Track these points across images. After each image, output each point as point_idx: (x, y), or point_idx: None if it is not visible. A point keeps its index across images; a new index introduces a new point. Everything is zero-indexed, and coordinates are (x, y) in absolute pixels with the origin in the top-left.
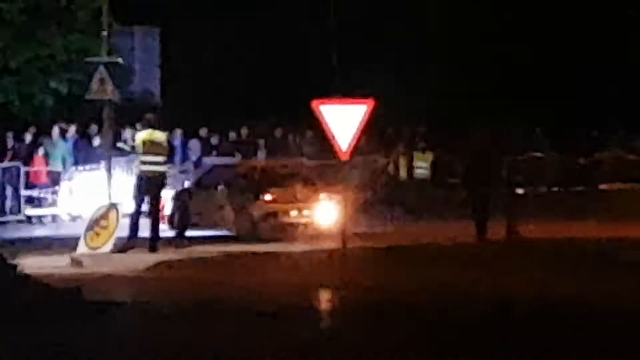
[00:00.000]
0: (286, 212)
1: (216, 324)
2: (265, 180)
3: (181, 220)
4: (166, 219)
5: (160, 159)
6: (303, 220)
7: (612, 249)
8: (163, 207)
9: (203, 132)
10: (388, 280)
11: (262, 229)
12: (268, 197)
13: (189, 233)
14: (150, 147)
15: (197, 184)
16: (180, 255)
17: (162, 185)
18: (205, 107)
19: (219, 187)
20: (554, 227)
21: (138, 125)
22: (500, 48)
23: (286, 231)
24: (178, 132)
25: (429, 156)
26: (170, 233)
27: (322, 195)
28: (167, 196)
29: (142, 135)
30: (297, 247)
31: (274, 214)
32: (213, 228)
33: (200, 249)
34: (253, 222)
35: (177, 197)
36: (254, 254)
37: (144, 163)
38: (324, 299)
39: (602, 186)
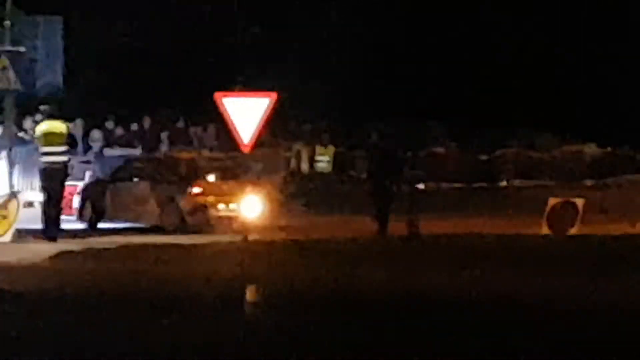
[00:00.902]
0: (214, 205)
1: (108, 315)
2: (190, 173)
3: (94, 212)
4: (75, 210)
5: (60, 149)
6: (230, 214)
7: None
8: (66, 197)
9: (109, 124)
10: (282, 272)
11: (191, 222)
12: (196, 189)
13: (100, 225)
14: (50, 137)
15: (113, 176)
16: (80, 246)
17: (65, 175)
18: (107, 97)
19: (139, 180)
20: (453, 223)
21: (37, 116)
22: (405, 43)
23: (214, 224)
24: (79, 123)
25: (331, 150)
26: (80, 225)
27: (247, 189)
28: (72, 188)
29: (42, 126)
30: (203, 239)
31: (203, 207)
32: (133, 221)
33: (104, 240)
34: (181, 215)
35: (88, 189)
36: (156, 245)
37: (45, 154)
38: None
39: (503, 183)
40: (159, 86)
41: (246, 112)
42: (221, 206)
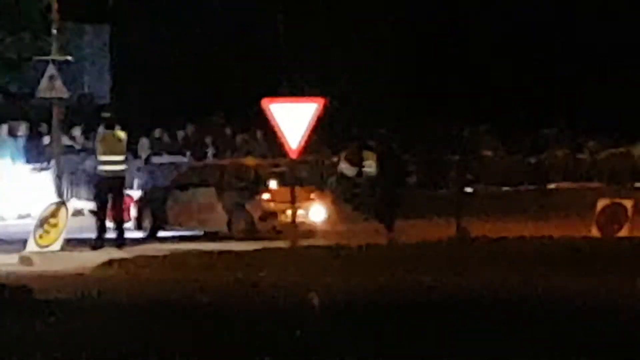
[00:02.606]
0: (283, 212)
1: (157, 322)
2: (256, 179)
3: (154, 220)
4: (131, 219)
5: (119, 157)
6: (298, 220)
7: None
8: (127, 206)
9: (156, 132)
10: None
11: (261, 228)
12: (266, 196)
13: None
14: (110, 146)
15: (173, 183)
16: (131, 254)
17: (123, 183)
18: (153, 105)
19: (203, 187)
20: (502, 226)
21: (93, 125)
22: (453, 47)
23: (283, 231)
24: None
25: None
26: (137, 234)
27: (312, 195)
28: (135, 195)
29: (102, 134)
30: (265, 244)
31: (273, 214)
32: (198, 228)
33: (158, 247)
34: (252, 221)
35: (147, 197)
36: (211, 252)
37: (104, 163)
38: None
39: (551, 185)
40: (205, 93)
41: (293, 118)
42: (290, 212)
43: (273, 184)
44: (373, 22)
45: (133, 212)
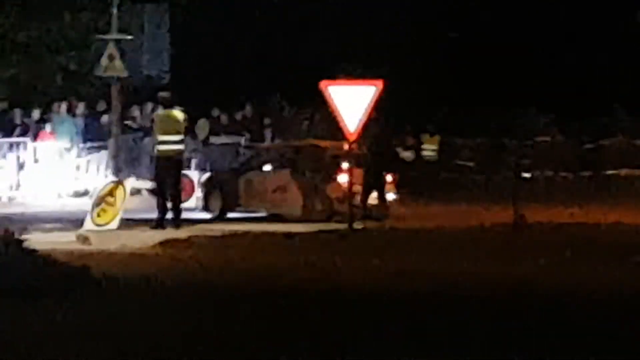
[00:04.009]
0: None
1: (209, 305)
2: (331, 161)
3: (224, 202)
4: (197, 200)
5: (177, 137)
6: (373, 202)
7: (613, 234)
8: (184, 185)
9: (215, 112)
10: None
11: (341, 210)
12: (343, 178)
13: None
14: (167, 125)
15: (244, 165)
16: (187, 233)
17: (181, 164)
18: (212, 86)
19: (276, 169)
20: (559, 212)
21: (150, 104)
22: (508, 34)
23: (358, 213)
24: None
25: (437, 139)
26: (204, 215)
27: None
28: (193, 176)
29: (159, 114)
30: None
31: (351, 195)
32: (271, 210)
33: (217, 228)
34: (330, 203)
35: (216, 179)
36: (267, 233)
37: (162, 143)
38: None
39: (608, 172)
40: (263, 74)
41: (352, 101)
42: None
43: (344, 165)
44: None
45: (199, 193)
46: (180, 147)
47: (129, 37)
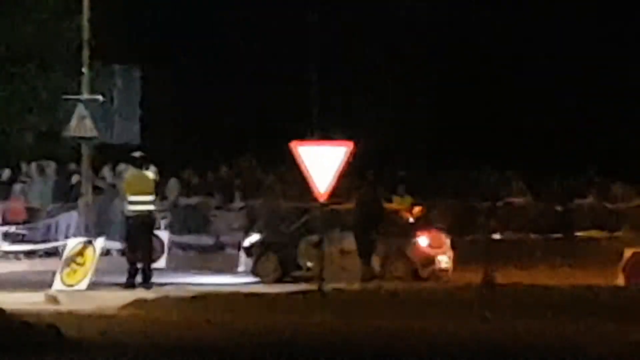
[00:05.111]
0: (437, 257)
1: None
2: (411, 223)
3: (281, 266)
4: (244, 267)
5: (148, 197)
6: (447, 265)
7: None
8: (154, 246)
9: (186, 173)
10: None
11: (425, 275)
12: (424, 241)
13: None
14: (139, 186)
15: (302, 228)
16: (156, 294)
17: (153, 224)
18: (183, 146)
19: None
20: (529, 273)
21: (122, 165)
22: (479, 94)
23: (439, 277)
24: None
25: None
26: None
27: (448, 239)
28: (164, 236)
29: (130, 174)
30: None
31: (432, 259)
32: (336, 274)
33: (185, 289)
34: (413, 267)
35: (270, 241)
36: (239, 294)
37: (132, 203)
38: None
39: (579, 233)
40: (235, 135)
41: (322, 161)
42: (443, 258)
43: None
44: (400, 69)
45: (243, 258)
46: (152, 207)
47: (100, 97)
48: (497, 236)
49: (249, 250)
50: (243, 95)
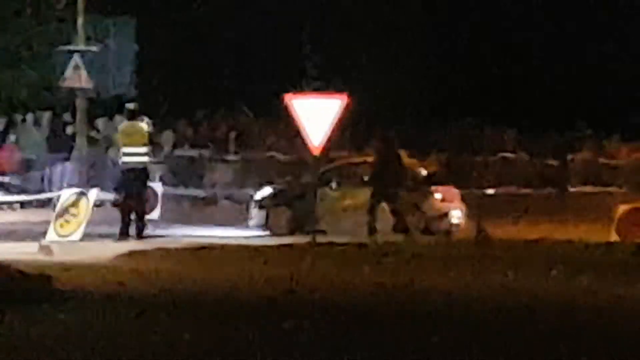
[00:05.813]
0: (450, 212)
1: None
2: (425, 179)
3: (294, 220)
4: (258, 221)
5: (142, 149)
6: (460, 220)
7: (573, 251)
8: (148, 197)
9: (180, 125)
10: None
11: (437, 229)
12: (438, 195)
13: None
14: (132, 137)
15: (320, 180)
16: (150, 245)
17: (146, 176)
18: (179, 98)
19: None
20: (521, 228)
21: (117, 116)
22: (474, 48)
23: (452, 231)
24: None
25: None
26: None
27: (458, 194)
28: (157, 188)
29: (124, 126)
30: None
31: (445, 214)
32: (349, 231)
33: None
34: (426, 222)
35: (281, 196)
36: (232, 246)
37: (126, 154)
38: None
39: (572, 189)
40: (230, 87)
41: (316, 114)
42: (456, 212)
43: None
44: (400, 24)
45: (254, 212)
46: (145, 159)
47: (94, 48)
48: (490, 191)
49: (260, 204)
50: (239, 48)
